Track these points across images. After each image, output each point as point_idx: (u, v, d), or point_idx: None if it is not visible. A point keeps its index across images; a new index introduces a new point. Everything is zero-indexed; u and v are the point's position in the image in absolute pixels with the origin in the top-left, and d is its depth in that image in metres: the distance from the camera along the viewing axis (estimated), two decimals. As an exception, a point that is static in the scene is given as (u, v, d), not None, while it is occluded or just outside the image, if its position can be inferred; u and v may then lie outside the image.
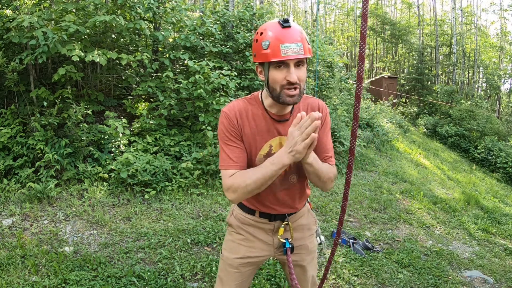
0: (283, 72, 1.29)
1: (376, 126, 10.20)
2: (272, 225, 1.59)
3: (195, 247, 3.38)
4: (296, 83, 1.29)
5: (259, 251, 1.61)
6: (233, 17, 7.02)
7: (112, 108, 5.49)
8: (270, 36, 1.27)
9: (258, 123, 1.44)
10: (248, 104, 1.46)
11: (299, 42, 1.26)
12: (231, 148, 1.41)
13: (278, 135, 1.46)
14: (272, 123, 1.44)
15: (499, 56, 25.19)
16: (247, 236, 1.60)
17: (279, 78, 1.30)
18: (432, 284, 3.17)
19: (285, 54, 1.25)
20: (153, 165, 4.53)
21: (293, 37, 1.26)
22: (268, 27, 1.30)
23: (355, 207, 5.03)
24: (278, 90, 1.32)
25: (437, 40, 22.40)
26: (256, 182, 1.31)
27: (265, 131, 1.44)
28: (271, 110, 1.44)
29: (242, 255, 1.58)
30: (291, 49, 1.25)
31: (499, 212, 6.06)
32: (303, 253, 1.64)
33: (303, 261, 1.65)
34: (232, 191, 1.36)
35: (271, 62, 1.28)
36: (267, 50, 1.27)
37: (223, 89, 5.70)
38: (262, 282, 2.81)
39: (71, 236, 3.40)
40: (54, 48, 4.18)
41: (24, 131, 4.49)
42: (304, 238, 1.65)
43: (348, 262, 3.35)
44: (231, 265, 1.58)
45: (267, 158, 1.43)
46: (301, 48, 1.26)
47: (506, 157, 12.33)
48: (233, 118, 1.41)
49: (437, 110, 18.11)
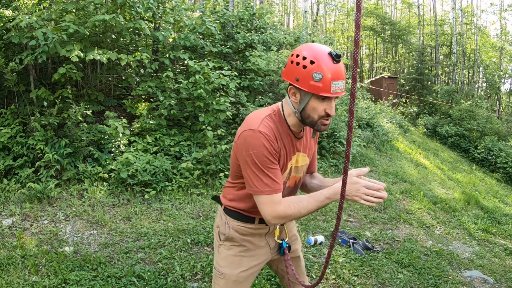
0: (324, 104, 1.32)
1: (376, 126, 10.20)
2: (267, 228, 1.60)
3: (195, 247, 3.38)
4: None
5: (259, 257, 1.61)
6: (233, 17, 7.02)
7: (112, 108, 5.49)
8: (323, 69, 1.25)
9: (286, 141, 1.43)
10: (277, 122, 1.41)
11: (344, 80, 1.30)
12: (274, 171, 1.35)
13: (297, 151, 1.50)
14: (294, 141, 1.47)
15: (499, 56, 25.18)
16: (249, 246, 1.58)
17: (319, 109, 1.32)
18: (432, 284, 3.17)
19: (334, 91, 1.27)
20: (153, 165, 4.53)
21: (342, 74, 1.29)
22: (320, 58, 1.26)
23: (355, 207, 5.02)
24: (316, 119, 1.35)
25: (437, 40, 22.39)
26: (309, 212, 1.36)
27: (290, 149, 1.46)
28: (293, 129, 1.45)
29: (247, 266, 1.56)
30: (339, 87, 1.28)
31: (499, 212, 6.06)
32: (295, 243, 1.74)
33: (297, 251, 1.75)
34: (281, 218, 1.34)
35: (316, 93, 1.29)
36: (318, 83, 1.26)
37: (223, 89, 5.70)
38: (262, 282, 2.81)
39: (71, 236, 3.40)
40: (54, 49, 4.18)
41: (24, 131, 4.49)
42: (293, 228, 1.77)
43: (348, 262, 3.35)
44: (237, 280, 1.54)
45: (289, 175, 1.49)
46: (344, 85, 1.31)
47: (506, 157, 12.33)
48: (274, 141, 1.35)
49: (437, 110, 18.11)
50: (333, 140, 6.93)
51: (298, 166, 1.52)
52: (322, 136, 6.70)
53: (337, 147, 6.90)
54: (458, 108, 15.96)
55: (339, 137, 6.93)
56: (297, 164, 1.51)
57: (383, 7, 29.11)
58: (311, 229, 4.05)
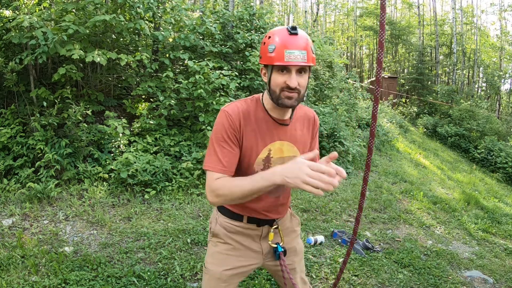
0: (285, 76, 1.32)
1: (376, 126, 10.20)
2: (260, 231, 1.55)
3: (195, 247, 3.38)
4: (295, 88, 1.32)
5: (248, 260, 1.56)
6: (233, 17, 7.02)
7: (112, 108, 5.49)
8: (276, 41, 1.30)
9: (260, 126, 1.42)
10: (250, 105, 1.44)
11: (304, 50, 1.29)
12: (225, 151, 1.36)
13: (279, 139, 1.45)
14: (273, 127, 1.44)
15: (499, 56, 25.17)
16: (235, 245, 1.54)
17: (280, 82, 1.32)
18: (432, 284, 3.17)
19: (288, 60, 1.28)
20: (153, 165, 4.52)
21: (298, 44, 1.29)
22: (276, 32, 1.33)
23: (355, 207, 5.02)
24: (277, 92, 1.34)
25: (437, 40, 22.39)
26: (243, 193, 1.26)
27: (266, 135, 1.43)
28: (272, 114, 1.44)
29: (232, 265, 1.52)
30: (294, 56, 1.28)
31: (499, 212, 6.06)
32: (292, 255, 1.64)
33: (293, 263, 1.64)
34: (215, 196, 1.31)
35: (274, 65, 1.32)
36: (272, 53, 1.30)
37: (223, 89, 5.70)
38: (262, 282, 2.81)
39: (71, 236, 3.40)
40: (54, 49, 4.18)
41: (24, 131, 4.49)
42: (292, 241, 1.65)
43: (348, 262, 3.35)
44: (220, 278, 1.51)
45: (265, 162, 1.43)
46: (304, 56, 1.29)
47: (506, 157, 12.34)
48: (236, 120, 1.37)
49: (437, 110, 18.12)
50: (333, 140, 6.93)
51: (283, 156, 1.45)
52: (322, 136, 6.70)
53: (337, 147, 6.89)
54: (458, 108, 15.97)
55: (339, 137, 6.93)
56: (282, 154, 1.45)
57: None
58: (311, 229, 4.05)
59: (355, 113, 9.73)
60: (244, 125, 1.39)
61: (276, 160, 1.45)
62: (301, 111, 1.54)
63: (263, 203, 1.50)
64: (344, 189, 5.71)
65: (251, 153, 1.42)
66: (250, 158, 1.42)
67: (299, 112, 1.53)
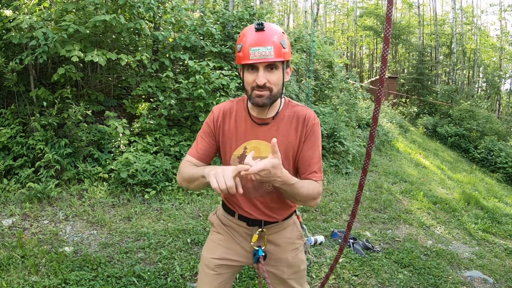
0: (254, 74, 1.32)
1: (377, 127, 10.20)
2: (250, 231, 1.55)
3: (195, 247, 3.38)
4: (264, 86, 1.31)
5: (237, 255, 1.57)
6: (233, 17, 7.02)
7: (112, 108, 5.49)
8: (244, 39, 1.31)
9: (238, 124, 1.47)
10: (236, 104, 1.50)
11: (269, 46, 1.27)
12: (202, 141, 1.50)
13: (256, 138, 1.44)
14: (252, 126, 1.45)
15: (499, 56, 25.18)
16: (227, 237, 1.59)
17: (249, 80, 1.33)
18: (432, 284, 3.17)
19: (253, 57, 1.28)
20: (153, 165, 4.52)
21: (264, 41, 1.28)
22: (245, 31, 1.34)
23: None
24: (249, 91, 1.35)
25: (437, 40, 22.39)
26: (186, 176, 1.42)
27: (242, 133, 1.45)
28: (252, 113, 1.45)
29: (218, 255, 1.56)
30: (259, 53, 1.27)
31: (499, 212, 6.06)
32: (283, 266, 1.57)
33: (283, 273, 1.58)
34: (178, 172, 1.49)
35: (243, 64, 1.34)
36: (240, 53, 1.32)
37: (223, 89, 5.70)
38: (263, 282, 2.81)
39: (71, 236, 3.40)
40: (54, 49, 4.18)
41: (24, 131, 4.49)
42: (286, 252, 1.58)
43: (348, 262, 3.35)
44: (208, 265, 1.55)
45: (240, 160, 1.45)
46: (271, 52, 1.27)
47: (506, 157, 12.34)
48: (216, 117, 1.48)
49: (437, 110, 18.12)
50: (333, 140, 6.93)
51: (261, 156, 1.40)
52: (322, 136, 6.70)
53: (337, 147, 6.90)
54: (458, 108, 15.97)
55: (339, 137, 6.93)
56: (259, 153, 1.42)
57: (383, 7, 29.10)
58: (311, 229, 4.05)
59: (355, 113, 9.73)
60: (222, 122, 1.48)
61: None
62: (291, 110, 1.46)
63: (248, 202, 1.52)
64: (344, 189, 5.72)
65: (225, 148, 1.49)
66: (226, 153, 1.50)
67: (288, 111, 1.46)
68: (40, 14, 4.51)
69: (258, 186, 1.48)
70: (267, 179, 1.21)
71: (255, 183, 1.45)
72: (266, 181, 1.25)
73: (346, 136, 7.09)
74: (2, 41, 4.54)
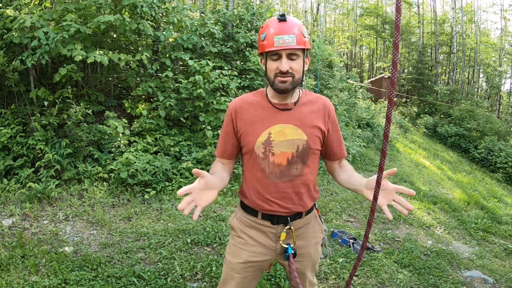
0: (277, 62, 1.40)
1: (376, 126, 10.20)
2: (275, 229, 1.55)
3: (195, 247, 3.38)
4: (287, 72, 1.38)
5: (261, 255, 1.57)
6: (233, 17, 7.01)
7: (112, 108, 5.49)
8: (267, 29, 1.40)
9: (259, 112, 1.51)
10: (253, 96, 1.57)
11: (292, 34, 1.35)
12: (224, 140, 1.59)
13: (280, 122, 1.49)
14: (273, 112, 1.50)
15: (499, 56, 25.16)
16: (248, 240, 1.57)
17: (273, 67, 1.41)
18: (432, 284, 3.17)
19: (277, 45, 1.36)
20: (153, 165, 4.52)
21: (287, 29, 1.36)
22: (268, 22, 1.43)
23: (355, 207, 5.03)
24: (272, 78, 1.42)
25: (437, 39, 22.38)
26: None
27: (265, 120, 1.49)
28: (273, 101, 1.52)
29: (244, 260, 1.56)
30: (283, 40, 1.35)
31: (499, 212, 6.06)
32: (305, 261, 1.62)
33: (304, 268, 1.63)
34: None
35: (267, 52, 1.40)
36: (264, 41, 1.40)
37: (224, 89, 5.70)
38: (263, 282, 2.81)
39: (71, 236, 3.40)
40: (55, 49, 4.17)
41: (24, 131, 4.49)
42: (309, 246, 1.62)
43: (348, 262, 3.35)
44: (234, 269, 1.57)
45: (266, 146, 1.47)
46: (293, 40, 1.35)
47: (506, 157, 12.34)
48: (231, 112, 1.54)
49: (437, 110, 18.11)
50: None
51: (287, 139, 1.46)
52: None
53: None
54: (458, 108, 15.97)
55: (339, 137, 6.92)
56: (285, 137, 1.46)
57: (383, 7, 29.10)
58: (311, 229, 4.05)
59: (355, 113, 9.73)
60: (240, 113, 1.52)
61: (278, 143, 1.47)
62: (311, 96, 1.58)
63: (274, 188, 1.49)
64: (344, 190, 5.71)
65: (251, 137, 1.50)
66: (250, 142, 1.50)
67: (308, 97, 1.56)
68: (41, 14, 4.51)
69: (286, 170, 1.49)
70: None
71: (282, 168, 1.49)
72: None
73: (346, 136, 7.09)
74: (2, 41, 4.54)
